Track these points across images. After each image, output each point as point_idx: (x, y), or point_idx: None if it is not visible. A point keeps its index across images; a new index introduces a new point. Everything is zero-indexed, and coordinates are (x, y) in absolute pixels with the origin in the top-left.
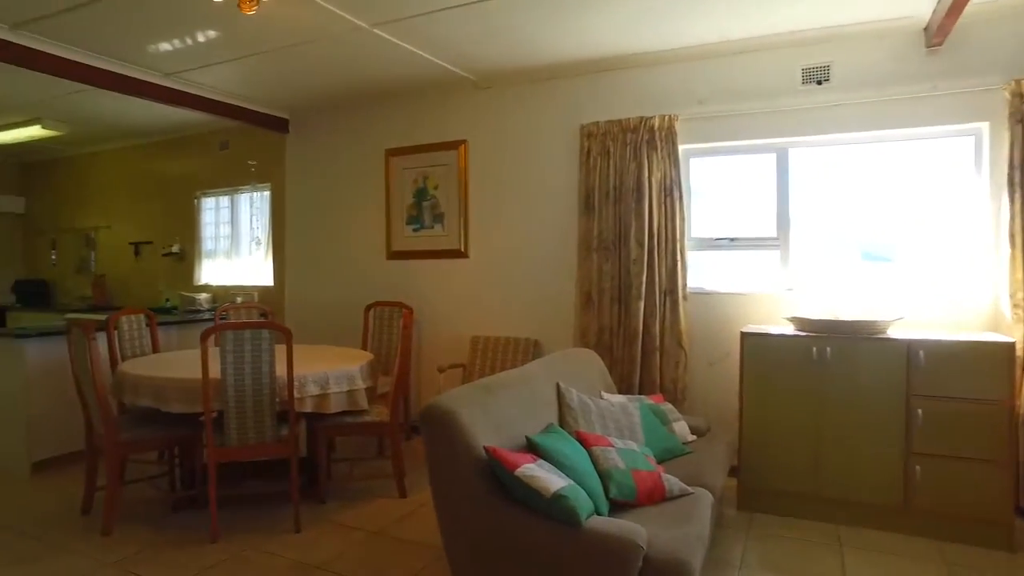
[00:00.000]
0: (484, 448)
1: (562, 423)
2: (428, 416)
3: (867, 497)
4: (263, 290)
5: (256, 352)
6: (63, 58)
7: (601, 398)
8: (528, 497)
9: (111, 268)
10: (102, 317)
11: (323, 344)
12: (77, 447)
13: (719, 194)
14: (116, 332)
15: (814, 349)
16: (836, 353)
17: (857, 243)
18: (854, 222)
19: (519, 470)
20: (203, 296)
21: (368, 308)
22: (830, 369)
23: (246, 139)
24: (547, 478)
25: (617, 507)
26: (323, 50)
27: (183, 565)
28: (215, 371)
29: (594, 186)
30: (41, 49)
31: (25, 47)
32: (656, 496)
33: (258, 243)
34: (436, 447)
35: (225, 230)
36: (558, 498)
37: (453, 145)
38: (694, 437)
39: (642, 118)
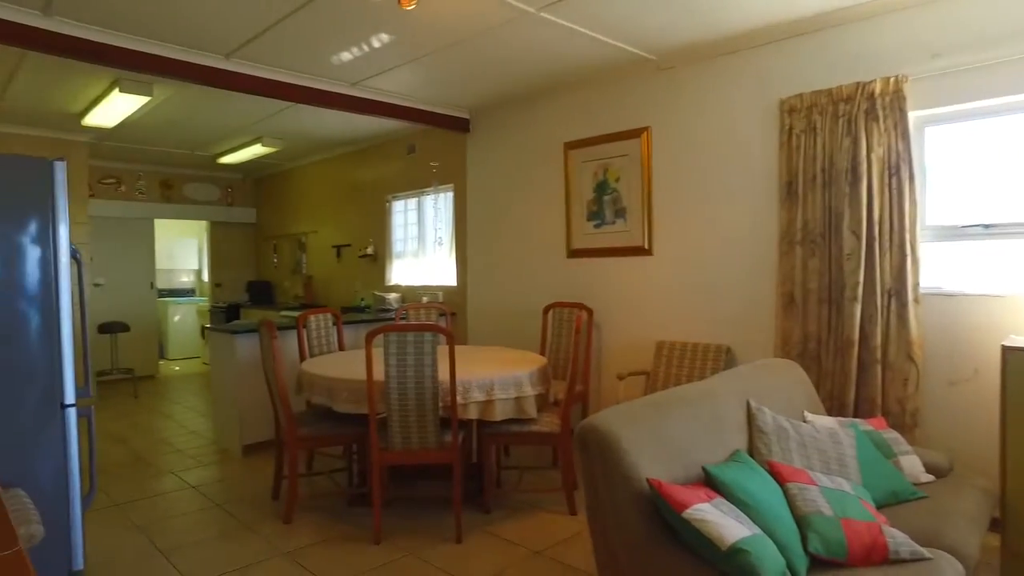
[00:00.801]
0: (647, 481)
1: (752, 451)
2: (583, 438)
3: None
4: (447, 290)
5: (418, 355)
6: (265, 79)
7: (804, 421)
8: (699, 546)
9: (318, 269)
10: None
11: (500, 346)
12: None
13: (967, 169)
14: (305, 330)
15: None
16: None
17: None
18: None
19: (689, 511)
20: (393, 296)
21: (547, 309)
22: None
23: (431, 141)
24: (724, 524)
25: (819, 565)
26: (494, 42)
27: (345, 564)
28: (381, 373)
29: (797, 169)
30: (247, 73)
31: (236, 73)
32: (875, 557)
33: (440, 243)
34: (592, 475)
35: (413, 231)
36: (737, 552)
37: (634, 133)
38: (931, 477)
39: (858, 84)
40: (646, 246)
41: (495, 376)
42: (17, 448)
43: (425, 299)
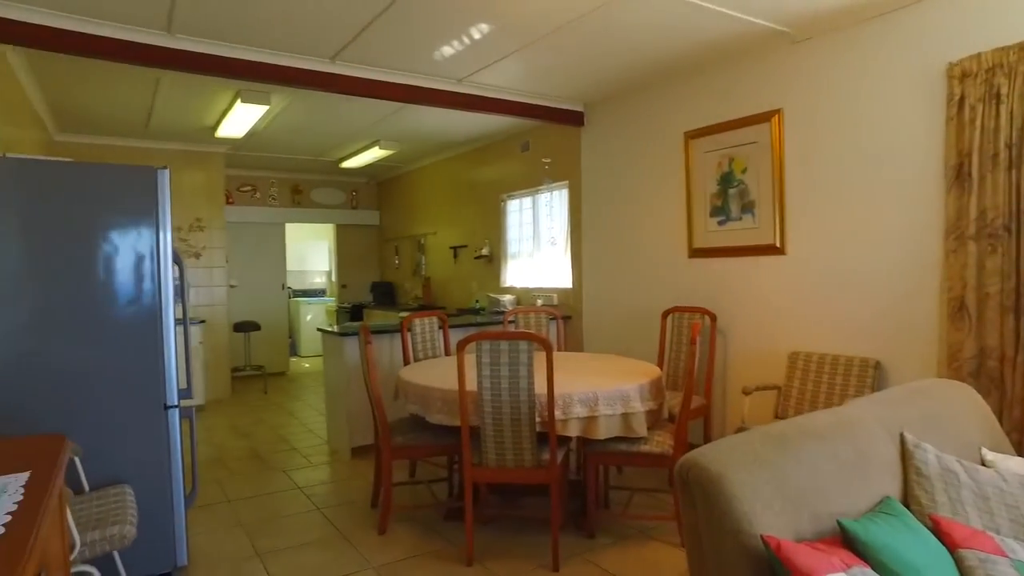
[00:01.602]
0: (762, 538)
1: (907, 499)
2: (684, 477)
3: None
4: (562, 292)
5: (513, 366)
6: (369, 80)
7: (982, 463)
8: None
9: (436, 270)
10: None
11: (615, 354)
12: None
13: None
14: (409, 334)
15: None
16: None
17: None
18: None
19: None
20: (507, 298)
21: (666, 314)
22: None
23: (545, 137)
24: None
25: None
26: (602, 24)
27: None
28: (475, 383)
29: (971, 147)
30: (352, 75)
31: (342, 75)
32: None
33: (553, 243)
34: (694, 521)
35: (528, 232)
36: None
37: (764, 117)
38: None
39: None
40: (778, 244)
41: (599, 389)
42: (124, 447)
43: (539, 302)
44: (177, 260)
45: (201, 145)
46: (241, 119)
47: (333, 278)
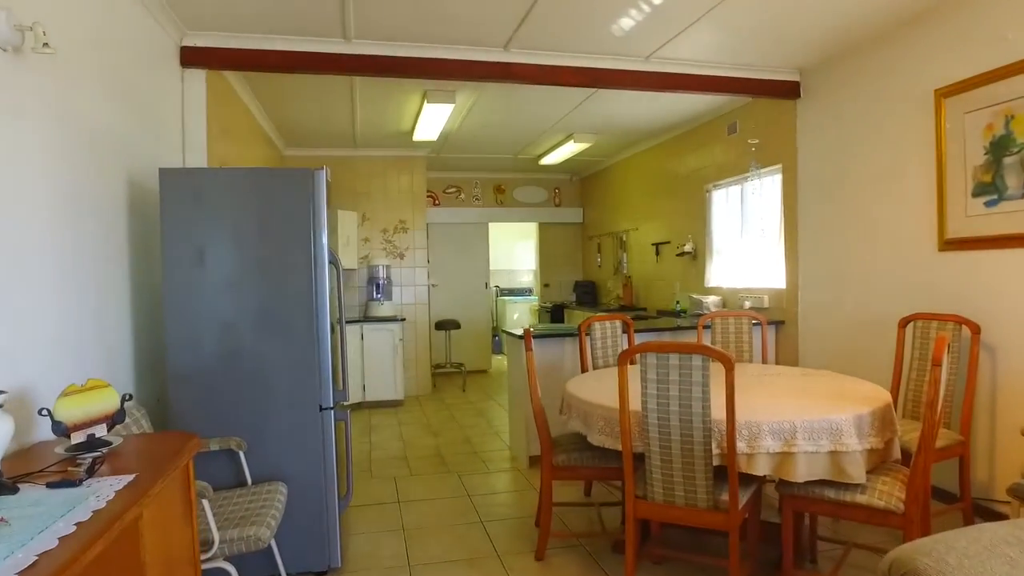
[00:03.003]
0: None
1: None
2: None
3: None
4: (773, 294)
5: (684, 385)
6: (547, 66)
7: None
8: None
9: (637, 269)
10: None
11: (835, 370)
12: None
13: None
14: (588, 338)
15: None
16: None
17: None
18: None
19: None
20: (711, 299)
21: (904, 322)
22: None
23: (754, 116)
24: None
25: None
26: None
27: None
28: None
29: None
30: (528, 62)
31: (518, 63)
32: None
33: (763, 235)
34: None
35: (735, 225)
36: None
37: None
38: None
39: None
40: None
41: (799, 418)
42: (283, 445)
43: (747, 304)
44: (333, 261)
45: (403, 150)
46: (431, 120)
47: (538, 277)
